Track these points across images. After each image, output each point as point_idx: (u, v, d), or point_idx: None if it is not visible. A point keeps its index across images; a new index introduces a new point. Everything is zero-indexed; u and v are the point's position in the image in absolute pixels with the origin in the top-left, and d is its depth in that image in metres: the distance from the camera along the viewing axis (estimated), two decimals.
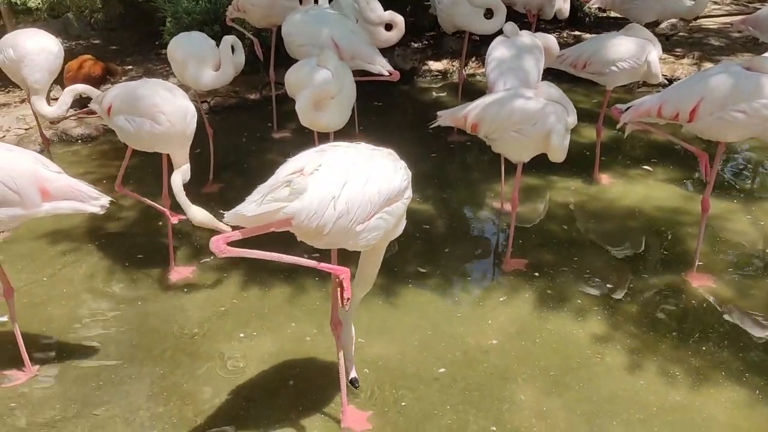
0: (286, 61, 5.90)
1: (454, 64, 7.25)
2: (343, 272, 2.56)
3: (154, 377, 3.29)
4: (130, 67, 7.46)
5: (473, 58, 7.20)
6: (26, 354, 3.26)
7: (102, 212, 3.07)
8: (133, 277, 4.04)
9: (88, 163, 5.49)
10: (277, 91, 5.95)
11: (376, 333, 3.55)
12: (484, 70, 7.08)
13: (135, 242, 4.40)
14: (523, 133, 3.68)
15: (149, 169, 5.00)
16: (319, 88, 3.75)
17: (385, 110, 6.40)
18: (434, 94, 6.88)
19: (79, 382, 3.24)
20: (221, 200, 4.89)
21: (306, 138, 5.54)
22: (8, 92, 6.77)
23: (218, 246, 2.37)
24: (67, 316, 3.73)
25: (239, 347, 3.48)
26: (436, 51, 7.43)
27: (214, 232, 3.54)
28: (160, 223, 4.48)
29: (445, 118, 3.99)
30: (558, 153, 3.65)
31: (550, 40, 4.56)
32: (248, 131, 6.00)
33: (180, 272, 4.06)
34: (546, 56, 4.47)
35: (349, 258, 2.82)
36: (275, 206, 2.42)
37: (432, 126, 4.12)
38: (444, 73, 7.21)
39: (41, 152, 5.51)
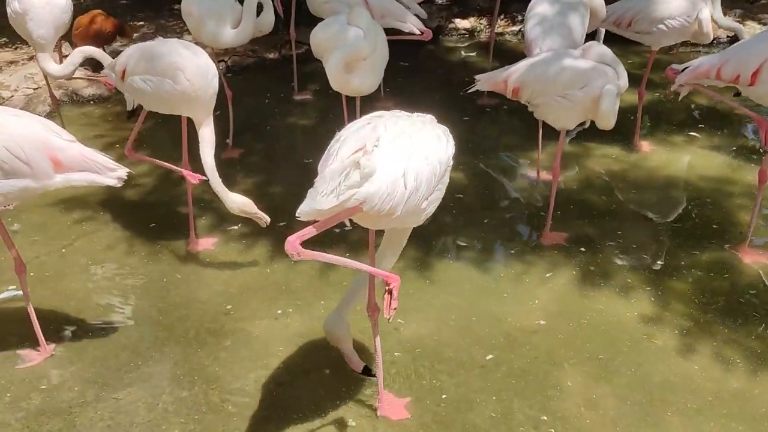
0: (306, 18, 5.62)
1: (481, 21, 6.91)
2: (395, 280, 2.36)
3: (176, 358, 3.10)
4: (142, 23, 7.16)
5: (501, 16, 6.84)
6: (41, 333, 3.07)
7: (119, 185, 2.85)
8: (152, 248, 3.84)
9: (101, 126, 5.25)
10: (298, 50, 5.67)
11: (412, 311, 3.34)
12: (514, 28, 6.84)
13: (153, 211, 4.18)
14: (570, 98, 3.41)
15: (164, 132, 4.76)
16: (351, 48, 3.46)
17: (412, 71, 6.09)
18: (462, 53, 6.55)
19: (98, 363, 3.06)
20: (243, 167, 4.66)
21: (329, 100, 5.28)
22: (16, 49, 6.50)
23: (294, 247, 2.14)
24: (83, 290, 3.54)
25: (266, 326, 3.28)
26: (462, 8, 7.07)
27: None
28: (179, 189, 4.26)
29: (483, 82, 3.70)
30: (608, 119, 3.38)
31: (597, 1, 4.23)
32: (268, 92, 5.73)
33: (202, 243, 3.85)
34: (591, 19, 4.15)
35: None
36: (350, 194, 2.18)
37: (469, 91, 3.83)
38: (471, 32, 6.87)
39: (50, 113, 5.29)
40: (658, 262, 3.68)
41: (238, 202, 3.34)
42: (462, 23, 6.90)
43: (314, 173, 2.38)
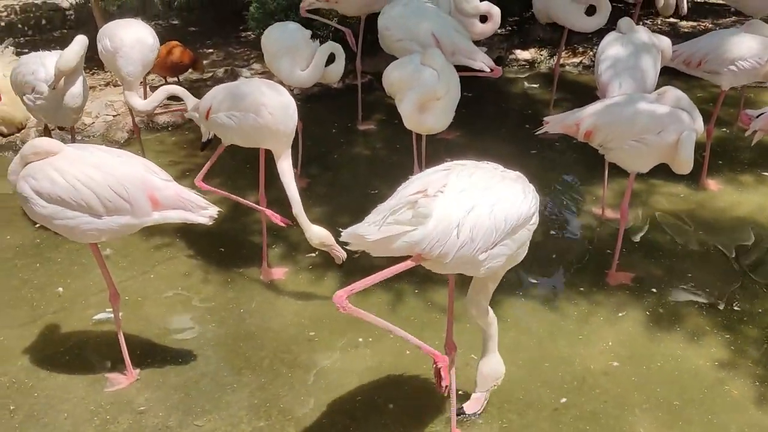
0: (370, 48, 5.75)
1: (541, 53, 6.92)
2: (442, 360, 2.46)
3: (253, 387, 3.19)
4: (211, 50, 7.38)
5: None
6: (128, 358, 3.20)
7: (210, 222, 2.97)
8: (227, 276, 3.96)
9: (175, 153, 5.43)
10: (362, 80, 5.78)
11: (477, 348, 3.36)
12: (575, 60, 6.84)
13: (227, 238, 4.31)
14: (646, 143, 3.41)
15: (232, 162, 4.90)
16: (425, 90, 3.54)
17: (474, 102, 6.13)
18: (524, 84, 6.57)
19: (180, 389, 3.17)
20: (310, 196, 4.76)
21: (393, 130, 5.38)
22: (93, 74, 6.76)
23: (341, 302, 2.29)
24: (163, 316, 3.67)
25: (338, 358, 3.35)
26: (523, 39, 7.09)
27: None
28: (252, 218, 4.38)
29: (553, 124, 3.73)
30: (686, 165, 3.37)
31: (665, 41, 4.23)
32: (333, 122, 5.84)
33: (274, 272, 3.95)
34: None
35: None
36: (396, 230, 2.29)
37: (538, 133, 3.86)
38: (531, 63, 6.89)
39: (129, 139, 5.51)
40: (731, 305, 3.64)
41: (319, 234, 3.43)
42: (522, 54, 6.93)
43: (377, 203, 2.49)
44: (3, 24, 7.65)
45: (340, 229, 2.42)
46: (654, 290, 3.77)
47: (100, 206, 2.77)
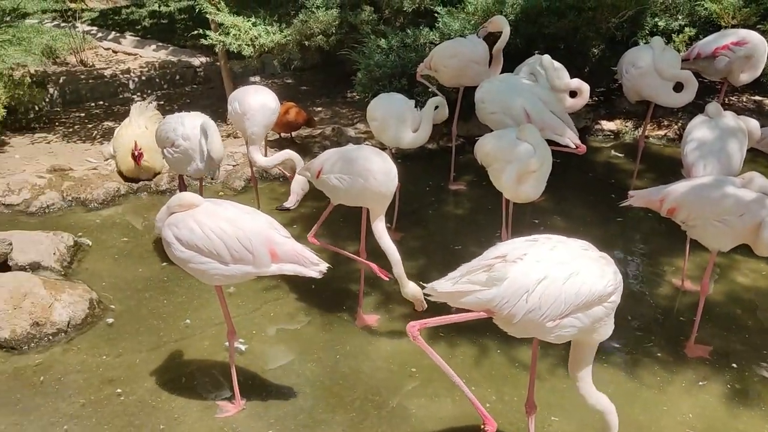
0: (465, 115, 5.91)
1: (627, 124, 6.88)
2: (492, 426, 2.64)
3: (345, 425, 3.32)
4: (319, 108, 7.75)
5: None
6: (238, 388, 3.39)
7: (320, 277, 3.14)
8: (326, 319, 4.13)
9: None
10: (455, 143, 5.93)
11: (558, 408, 3.37)
12: (659, 132, 6.77)
13: (328, 284, 4.45)
14: (728, 224, 3.37)
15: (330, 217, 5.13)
16: (524, 164, 3.67)
17: (560, 168, 6.10)
18: (608, 153, 6.55)
19: (279, 421, 3.33)
20: (402, 249, 4.83)
21: (481, 191, 5.49)
22: None
23: (413, 331, 2.57)
24: (268, 352, 3.88)
25: (423, 406, 3.43)
26: (609, 110, 7.08)
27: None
28: (351, 267, 4.56)
29: (638, 198, 3.74)
30: (767, 247, 3.30)
31: (753, 123, 4.17)
32: (427, 181, 6.01)
33: (367, 319, 4.09)
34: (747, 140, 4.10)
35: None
36: (467, 288, 2.48)
37: (622, 205, 3.88)
38: (617, 133, 6.85)
39: (245, 187, 5.85)
40: None
41: (414, 292, 3.63)
42: (608, 125, 6.91)
43: (465, 260, 2.66)
44: (144, 78, 8.32)
45: (424, 284, 2.67)
46: (734, 365, 3.66)
47: (227, 255, 3.01)
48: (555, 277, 2.42)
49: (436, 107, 4.61)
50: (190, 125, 4.33)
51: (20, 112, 6.78)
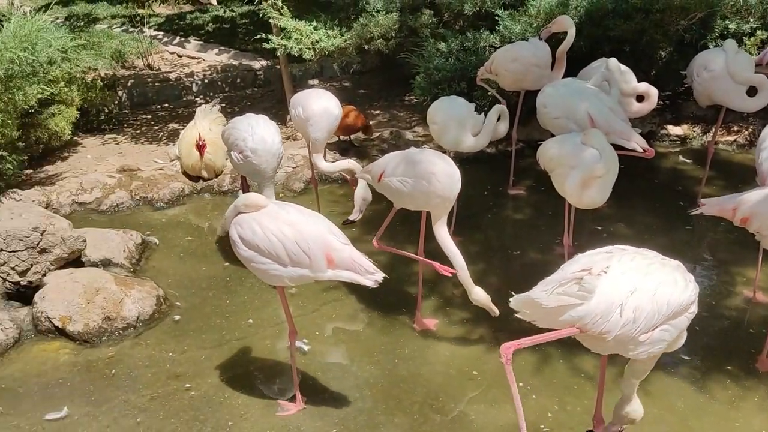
0: (525, 119, 5.84)
1: (694, 129, 6.66)
2: None
3: (405, 428, 3.32)
4: (377, 112, 7.79)
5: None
6: (298, 388, 3.44)
7: (375, 286, 3.13)
8: (385, 322, 4.14)
9: (343, 203, 5.76)
10: (515, 147, 5.87)
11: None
12: (728, 138, 6.53)
13: (388, 287, 4.44)
14: None
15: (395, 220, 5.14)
16: (588, 169, 3.60)
17: (624, 174, 5.95)
18: (675, 159, 6.36)
19: (339, 423, 3.36)
20: (464, 255, 4.87)
21: (541, 196, 5.42)
22: None
23: (506, 353, 2.44)
24: (327, 352, 3.92)
25: (482, 412, 3.41)
26: (676, 114, 6.87)
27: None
28: (410, 270, 4.56)
29: (710, 207, 3.62)
30: None
31: None
32: (486, 185, 5.96)
33: (426, 323, 4.08)
34: None
35: None
36: (565, 300, 2.37)
37: (693, 213, 3.76)
38: (683, 139, 6.65)
39: (304, 189, 5.93)
40: None
41: (480, 294, 3.63)
42: (674, 130, 6.70)
43: (524, 266, 2.56)
44: (207, 82, 8.53)
45: (510, 298, 2.54)
46: None
47: (285, 257, 3.06)
48: (645, 288, 2.38)
49: (499, 117, 4.57)
50: (260, 139, 4.35)
51: (92, 114, 7.05)
